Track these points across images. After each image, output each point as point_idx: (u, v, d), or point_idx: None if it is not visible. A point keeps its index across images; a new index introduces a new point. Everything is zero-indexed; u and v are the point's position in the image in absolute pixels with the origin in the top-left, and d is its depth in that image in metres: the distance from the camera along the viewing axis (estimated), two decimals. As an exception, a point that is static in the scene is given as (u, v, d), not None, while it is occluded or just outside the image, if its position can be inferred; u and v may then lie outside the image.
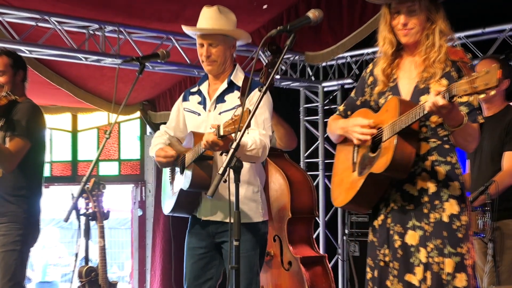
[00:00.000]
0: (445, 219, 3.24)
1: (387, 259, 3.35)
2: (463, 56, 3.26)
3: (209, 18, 4.56)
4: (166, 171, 4.77)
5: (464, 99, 3.17)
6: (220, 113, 4.48)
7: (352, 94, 3.77)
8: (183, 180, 4.29)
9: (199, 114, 4.56)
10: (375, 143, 3.37)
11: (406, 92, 3.34)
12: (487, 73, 2.72)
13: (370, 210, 3.53)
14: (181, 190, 4.24)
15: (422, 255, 3.24)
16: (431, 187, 3.28)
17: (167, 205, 4.66)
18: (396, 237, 3.32)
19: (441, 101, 2.85)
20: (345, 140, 3.66)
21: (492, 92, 2.89)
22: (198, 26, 4.55)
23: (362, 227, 7.31)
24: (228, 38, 4.60)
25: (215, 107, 4.48)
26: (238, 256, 3.37)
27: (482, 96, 2.95)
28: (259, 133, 4.25)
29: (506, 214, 4.95)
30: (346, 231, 7.51)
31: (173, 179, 4.64)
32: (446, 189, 3.27)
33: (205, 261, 4.62)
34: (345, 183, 3.56)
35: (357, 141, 3.40)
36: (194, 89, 4.69)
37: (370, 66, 3.67)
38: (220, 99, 4.49)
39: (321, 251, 7.46)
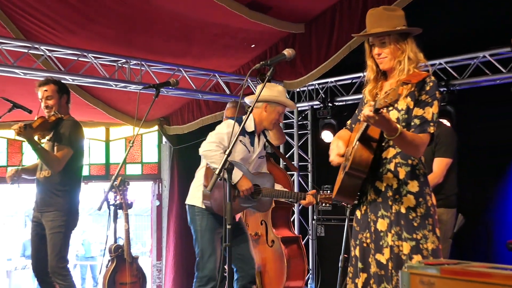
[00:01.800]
0: (403, 210, 3.17)
1: (368, 241, 3.28)
2: (414, 79, 3.03)
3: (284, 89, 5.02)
4: None
5: (419, 112, 3.14)
6: (259, 158, 4.87)
7: (356, 111, 3.67)
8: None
9: (249, 152, 4.75)
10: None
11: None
12: (393, 90, 2.76)
13: (354, 202, 3.42)
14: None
15: (389, 238, 3.19)
16: (394, 184, 3.20)
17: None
18: (372, 223, 3.26)
19: (366, 111, 2.83)
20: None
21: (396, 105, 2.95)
22: (286, 99, 4.98)
23: (327, 214, 7.31)
24: None
25: (257, 153, 4.84)
26: (231, 237, 3.38)
27: (391, 108, 2.99)
28: None
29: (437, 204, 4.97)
30: (315, 217, 7.50)
31: None
32: (406, 186, 3.18)
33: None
34: (338, 180, 3.48)
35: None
36: (250, 132, 4.81)
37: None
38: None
39: (296, 232, 7.45)
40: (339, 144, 3.41)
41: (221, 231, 4.63)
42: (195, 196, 4.74)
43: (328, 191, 6.24)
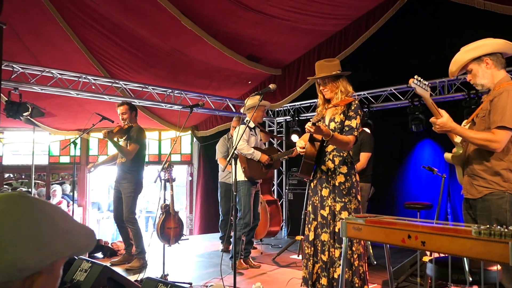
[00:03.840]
0: (337, 184, 3.21)
1: (316, 202, 3.32)
2: (341, 103, 3.23)
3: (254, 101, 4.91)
4: None
5: (347, 123, 3.20)
6: (259, 140, 4.99)
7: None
8: None
9: (256, 138, 4.95)
10: None
11: (327, 121, 3.30)
12: (318, 114, 3.04)
13: (310, 178, 3.44)
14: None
15: (329, 201, 3.23)
16: (331, 167, 3.25)
17: None
18: (319, 191, 3.30)
19: (307, 125, 2.93)
20: None
21: (320, 122, 3.00)
22: (263, 101, 4.79)
23: (294, 185, 7.30)
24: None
25: (259, 138, 4.99)
26: (235, 200, 3.36)
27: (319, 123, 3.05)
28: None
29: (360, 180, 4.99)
30: (287, 187, 7.51)
31: None
32: (339, 169, 3.22)
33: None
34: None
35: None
36: (253, 127, 4.94)
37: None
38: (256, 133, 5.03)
39: (275, 197, 7.44)
40: (300, 141, 3.45)
41: (253, 194, 4.84)
42: (239, 175, 4.84)
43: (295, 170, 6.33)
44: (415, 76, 2.41)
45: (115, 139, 4.88)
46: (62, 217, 0.84)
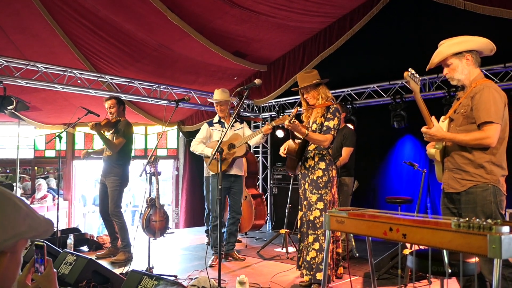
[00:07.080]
0: (315, 178, 3.52)
1: (301, 194, 3.68)
2: (320, 106, 3.56)
3: (220, 93, 4.90)
4: None
5: (326, 124, 3.53)
6: (235, 131, 4.83)
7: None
8: None
9: (222, 131, 4.62)
10: None
11: (311, 123, 3.65)
12: (292, 113, 3.34)
13: (295, 172, 3.76)
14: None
15: (308, 193, 3.53)
16: (312, 163, 3.54)
17: None
18: (303, 185, 3.65)
19: (286, 122, 3.35)
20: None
21: (286, 121, 3.34)
22: (216, 98, 4.93)
23: (279, 180, 7.31)
24: (228, 102, 4.92)
25: (230, 128, 4.70)
26: (221, 194, 3.34)
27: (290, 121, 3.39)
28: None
29: (342, 174, 5.00)
30: (272, 182, 7.51)
31: None
32: (318, 165, 3.52)
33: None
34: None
35: None
36: (215, 122, 4.92)
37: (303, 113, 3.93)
38: (231, 126, 4.70)
39: (260, 191, 7.44)
40: (285, 146, 3.75)
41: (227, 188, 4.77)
42: (206, 171, 4.94)
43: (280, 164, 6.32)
44: (410, 69, 2.36)
45: (102, 131, 4.81)
46: (21, 201, 0.86)
